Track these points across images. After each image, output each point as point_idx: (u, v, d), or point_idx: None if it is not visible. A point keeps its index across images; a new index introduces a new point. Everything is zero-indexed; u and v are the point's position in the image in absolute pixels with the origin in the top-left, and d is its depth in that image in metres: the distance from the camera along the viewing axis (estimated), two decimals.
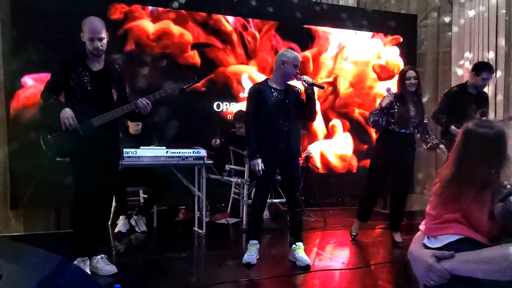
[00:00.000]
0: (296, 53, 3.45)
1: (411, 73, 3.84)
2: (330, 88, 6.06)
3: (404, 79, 3.84)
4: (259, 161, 3.34)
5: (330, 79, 6.11)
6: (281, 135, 3.38)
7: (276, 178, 5.01)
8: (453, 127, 4.14)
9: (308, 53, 5.94)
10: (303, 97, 3.50)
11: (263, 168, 3.36)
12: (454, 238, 1.42)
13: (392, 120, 3.86)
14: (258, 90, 3.43)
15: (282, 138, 3.39)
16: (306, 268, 3.37)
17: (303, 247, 3.50)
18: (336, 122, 6.11)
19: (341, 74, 6.17)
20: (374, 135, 5.62)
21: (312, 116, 3.60)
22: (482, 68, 4.22)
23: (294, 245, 3.49)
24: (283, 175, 3.59)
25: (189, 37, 5.35)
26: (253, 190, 4.71)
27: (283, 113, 3.39)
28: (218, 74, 5.50)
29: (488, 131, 1.53)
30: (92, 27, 2.93)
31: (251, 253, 3.46)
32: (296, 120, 3.49)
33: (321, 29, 6.04)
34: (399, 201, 4.11)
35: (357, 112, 6.25)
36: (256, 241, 3.53)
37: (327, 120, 6.08)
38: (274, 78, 3.48)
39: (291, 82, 3.53)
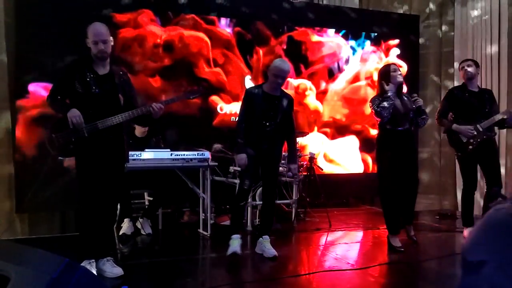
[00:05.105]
0: (279, 64, 3.58)
1: (393, 66, 3.87)
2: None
3: (390, 72, 3.80)
4: (244, 155, 3.55)
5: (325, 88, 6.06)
6: (265, 137, 3.61)
7: (280, 179, 5.05)
8: (455, 125, 4.16)
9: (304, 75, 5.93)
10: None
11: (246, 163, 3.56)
12: None
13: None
14: (251, 94, 3.66)
15: (265, 140, 3.61)
16: (274, 259, 3.58)
17: (269, 239, 3.72)
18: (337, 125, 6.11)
19: (340, 80, 6.13)
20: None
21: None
22: (461, 62, 4.35)
23: (261, 238, 3.72)
24: (263, 173, 3.73)
25: (195, 45, 5.33)
26: (258, 191, 4.73)
27: (270, 117, 3.61)
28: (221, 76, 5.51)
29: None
30: (96, 30, 3.00)
31: (234, 245, 3.58)
32: (282, 124, 3.68)
33: (323, 37, 6.02)
34: (411, 195, 4.08)
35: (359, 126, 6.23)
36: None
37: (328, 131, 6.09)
38: (267, 84, 3.68)
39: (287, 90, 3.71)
